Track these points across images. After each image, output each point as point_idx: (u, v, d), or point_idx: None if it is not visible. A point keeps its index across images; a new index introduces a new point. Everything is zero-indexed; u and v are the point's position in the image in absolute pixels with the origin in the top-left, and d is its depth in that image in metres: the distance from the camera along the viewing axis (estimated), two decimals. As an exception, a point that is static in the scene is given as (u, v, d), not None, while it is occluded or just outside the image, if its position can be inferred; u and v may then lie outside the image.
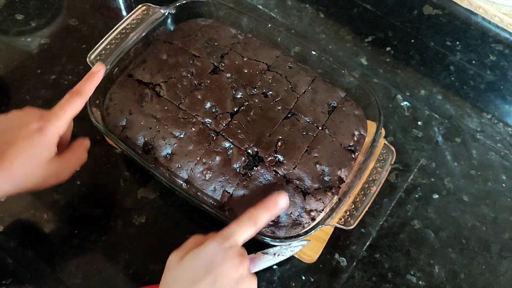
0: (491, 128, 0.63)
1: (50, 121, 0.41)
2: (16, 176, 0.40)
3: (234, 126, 0.50)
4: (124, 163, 0.58)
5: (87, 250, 0.53)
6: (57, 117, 0.42)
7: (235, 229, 0.40)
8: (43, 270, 0.51)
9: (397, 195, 0.58)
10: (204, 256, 0.39)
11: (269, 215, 0.41)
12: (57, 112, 0.42)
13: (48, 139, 0.41)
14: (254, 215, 0.41)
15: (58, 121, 0.42)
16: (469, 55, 0.69)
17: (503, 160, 0.61)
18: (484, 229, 0.56)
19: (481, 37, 0.70)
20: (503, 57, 0.68)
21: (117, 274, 0.51)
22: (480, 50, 0.69)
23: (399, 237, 0.55)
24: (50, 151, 0.42)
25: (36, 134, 0.40)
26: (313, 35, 0.70)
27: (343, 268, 0.53)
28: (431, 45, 0.70)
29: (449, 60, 0.68)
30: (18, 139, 0.40)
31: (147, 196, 0.56)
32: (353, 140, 0.52)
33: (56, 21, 0.69)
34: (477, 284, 0.53)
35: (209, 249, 0.39)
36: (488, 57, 0.69)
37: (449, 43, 0.70)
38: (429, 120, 0.63)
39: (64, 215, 0.54)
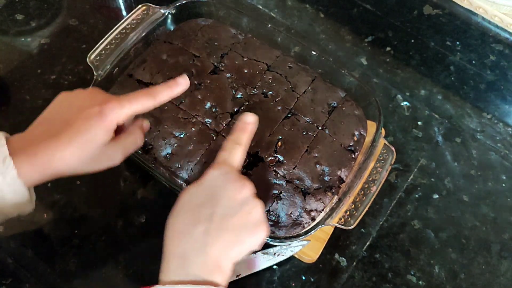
0: (491, 128, 0.63)
1: (111, 108, 0.39)
2: (69, 158, 0.39)
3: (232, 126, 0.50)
4: (124, 163, 0.58)
5: (87, 250, 0.53)
6: (120, 106, 0.40)
7: (223, 154, 0.42)
8: (43, 270, 0.51)
9: (397, 195, 0.58)
10: (206, 184, 0.40)
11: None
12: (122, 101, 0.40)
13: (106, 125, 0.39)
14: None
15: (120, 110, 0.40)
16: (469, 55, 0.69)
17: (503, 160, 0.61)
18: (484, 229, 0.56)
19: (481, 37, 0.70)
20: (503, 57, 0.68)
21: (117, 274, 0.51)
22: (480, 50, 0.69)
23: (399, 237, 0.55)
24: (107, 137, 0.40)
25: (95, 117, 0.39)
26: (313, 35, 0.70)
27: (343, 268, 0.53)
28: (431, 45, 0.70)
29: (449, 60, 0.68)
30: (77, 120, 0.39)
31: (147, 196, 0.56)
32: (353, 140, 0.52)
33: (56, 21, 0.69)
34: (477, 284, 0.53)
35: (210, 177, 0.40)
36: (488, 57, 0.68)
37: (449, 43, 0.70)
38: (429, 120, 0.63)
39: (64, 215, 0.54)
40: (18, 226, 0.54)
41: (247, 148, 0.43)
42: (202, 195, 0.39)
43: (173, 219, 0.40)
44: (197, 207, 0.39)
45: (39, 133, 0.40)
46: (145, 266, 0.52)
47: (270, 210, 0.48)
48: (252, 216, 0.39)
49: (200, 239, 0.37)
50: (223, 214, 0.38)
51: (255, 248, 0.39)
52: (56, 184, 0.56)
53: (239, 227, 0.38)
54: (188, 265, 0.37)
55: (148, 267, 0.52)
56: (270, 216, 0.48)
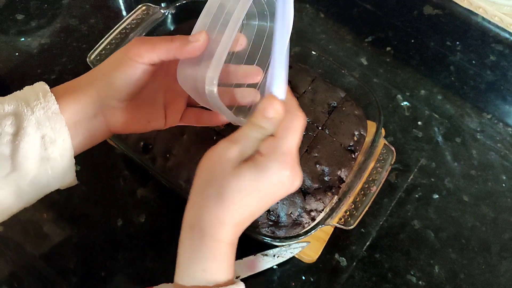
0: (491, 128, 0.63)
1: (134, 44, 0.37)
2: (123, 102, 0.38)
3: (234, 126, 0.50)
4: (124, 163, 0.58)
5: (87, 250, 0.53)
6: (143, 42, 0.37)
7: (295, 140, 0.35)
8: (44, 269, 0.51)
9: (397, 195, 0.58)
10: (266, 182, 0.35)
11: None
12: (149, 40, 0.37)
13: (130, 60, 0.37)
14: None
15: (142, 46, 0.37)
16: (469, 55, 0.69)
17: (503, 160, 0.60)
18: (484, 229, 0.56)
19: (481, 37, 0.70)
20: (503, 57, 0.68)
21: (117, 274, 0.51)
22: (480, 50, 0.69)
23: (399, 237, 0.55)
24: (147, 77, 0.37)
25: (121, 54, 0.37)
26: (313, 35, 0.70)
27: (343, 268, 0.53)
28: (431, 45, 0.70)
29: (449, 60, 0.68)
30: (124, 63, 0.37)
31: (147, 196, 0.56)
32: (353, 140, 0.52)
33: (56, 21, 0.69)
34: (477, 284, 0.53)
35: (274, 176, 0.34)
36: (488, 57, 0.68)
37: (449, 43, 0.70)
38: (429, 120, 0.63)
39: (65, 214, 0.54)
40: (18, 226, 0.54)
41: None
42: (260, 190, 0.34)
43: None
44: (245, 195, 0.34)
45: (80, 80, 0.39)
46: (145, 266, 0.52)
47: (270, 210, 0.48)
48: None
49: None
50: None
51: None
52: (56, 184, 0.56)
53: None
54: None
55: (148, 267, 0.52)
56: (270, 216, 0.48)
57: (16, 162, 0.35)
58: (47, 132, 0.36)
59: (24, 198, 0.38)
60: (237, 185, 0.34)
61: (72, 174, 0.39)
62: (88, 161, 0.48)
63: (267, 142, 0.34)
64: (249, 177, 0.33)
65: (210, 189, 0.35)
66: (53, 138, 0.36)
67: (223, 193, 0.34)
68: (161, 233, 0.54)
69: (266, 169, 0.33)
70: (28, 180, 0.36)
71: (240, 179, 0.34)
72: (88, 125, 0.38)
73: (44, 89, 0.37)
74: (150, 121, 0.42)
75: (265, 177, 0.34)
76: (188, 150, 0.49)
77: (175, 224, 0.55)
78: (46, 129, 0.35)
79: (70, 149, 0.37)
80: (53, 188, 0.39)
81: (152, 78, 0.39)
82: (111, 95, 0.37)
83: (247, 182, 0.33)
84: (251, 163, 0.34)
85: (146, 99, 0.41)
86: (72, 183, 0.41)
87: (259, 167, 0.33)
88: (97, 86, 0.38)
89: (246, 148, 0.35)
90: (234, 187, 0.34)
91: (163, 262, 0.52)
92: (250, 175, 0.33)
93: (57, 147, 0.36)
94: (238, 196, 0.34)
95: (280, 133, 0.34)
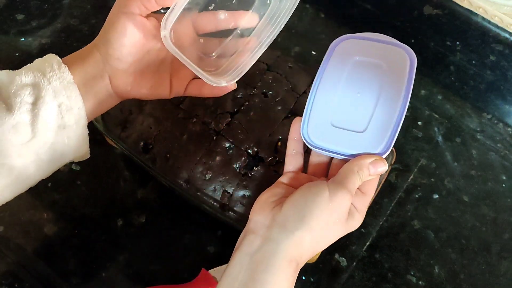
0: (491, 128, 0.63)
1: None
2: (123, 61, 0.39)
3: (234, 126, 0.50)
4: (124, 163, 0.58)
5: (87, 250, 0.53)
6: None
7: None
8: (43, 270, 0.51)
9: (397, 195, 0.58)
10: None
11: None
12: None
13: (128, 15, 0.38)
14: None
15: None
16: (469, 55, 0.69)
17: (503, 160, 0.60)
18: (484, 229, 0.56)
19: (481, 37, 0.70)
20: (503, 57, 0.68)
21: (117, 274, 0.52)
22: (480, 50, 0.69)
23: (399, 237, 0.55)
24: (140, 32, 0.38)
25: (116, 9, 0.39)
26: (313, 35, 0.70)
27: (343, 268, 0.53)
28: (431, 45, 0.69)
29: (449, 60, 0.68)
30: (116, 17, 0.38)
31: (147, 196, 0.56)
32: (353, 140, 0.52)
33: (57, 21, 0.69)
34: (477, 284, 0.53)
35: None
36: (488, 57, 0.68)
37: (449, 43, 0.69)
38: (429, 120, 0.63)
39: (64, 215, 0.55)
40: (18, 226, 0.54)
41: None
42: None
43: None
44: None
45: (87, 46, 0.41)
46: (145, 266, 0.52)
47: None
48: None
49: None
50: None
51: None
52: (56, 184, 0.56)
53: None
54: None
55: (148, 267, 0.52)
56: (270, 216, 0.48)
57: (36, 129, 0.37)
58: (64, 100, 0.37)
59: (42, 168, 0.39)
60: (340, 234, 0.40)
61: (86, 145, 0.42)
62: (88, 161, 0.48)
63: (360, 198, 0.40)
64: (350, 229, 0.40)
65: (323, 232, 0.38)
66: (69, 106, 0.38)
67: (329, 239, 0.39)
68: (161, 233, 0.54)
69: (357, 225, 0.40)
70: (46, 147, 0.38)
71: (345, 230, 0.40)
72: (95, 88, 0.40)
73: (58, 60, 0.39)
74: (155, 87, 0.42)
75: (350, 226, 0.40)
76: (188, 150, 0.49)
77: (175, 224, 0.55)
78: (62, 98, 0.37)
79: (84, 117, 0.39)
80: (68, 159, 0.41)
81: (159, 44, 0.40)
82: (111, 53, 0.39)
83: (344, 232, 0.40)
84: (351, 220, 0.39)
85: (151, 65, 0.41)
86: (85, 155, 0.43)
87: (356, 224, 0.40)
88: (98, 46, 0.40)
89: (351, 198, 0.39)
90: (338, 236, 0.40)
91: (164, 262, 0.53)
92: (351, 228, 0.40)
93: (73, 114, 0.38)
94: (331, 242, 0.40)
95: (368, 191, 0.41)
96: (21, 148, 0.37)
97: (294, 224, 0.37)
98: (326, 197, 0.38)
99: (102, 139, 0.58)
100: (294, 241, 0.37)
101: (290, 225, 0.37)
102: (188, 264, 0.52)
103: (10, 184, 0.38)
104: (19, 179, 0.38)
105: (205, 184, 0.48)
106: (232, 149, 0.49)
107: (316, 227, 0.37)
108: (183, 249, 0.53)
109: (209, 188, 0.48)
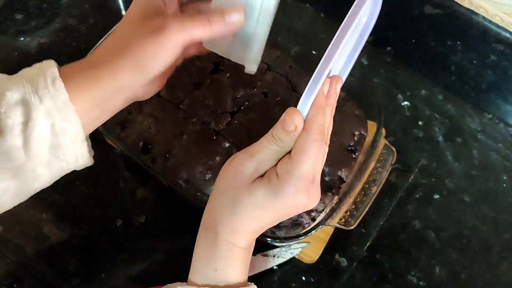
0: (492, 128, 0.63)
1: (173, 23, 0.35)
2: (128, 77, 0.36)
3: (234, 126, 0.50)
4: (124, 163, 0.58)
5: (87, 250, 0.52)
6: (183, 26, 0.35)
7: (311, 164, 0.35)
8: (43, 270, 0.51)
9: (398, 195, 0.57)
10: (283, 203, 0.36)
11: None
12: (185, 21, 0.35)
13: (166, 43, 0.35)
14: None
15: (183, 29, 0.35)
16: (470, 55, 0.68)
17: (504, 160, 0.60)
18: (485, 229, 0.56)
19: (482, 36, 0.70)
20: (504, 57, 0.68)
21: (117, 274, 0.51)
22: (481, 50, 0.69)
23: (400, 238, 0.55)
24: (170, 57, 0.36)
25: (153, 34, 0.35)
26: (313, 35, 0.70)
27: (344, 268, 0.53)
28: (432, 45, 0.69)
29: (450, 60, 0.68)
30: (160, 47, 0.35)
31: (147, 196, 0.56)
32: (353, 140, 0.52)
33: (55, 21, 0.69)
34: (478, 284, 0.53)
35: (292, 198, 0.36)
36: (489, 57, 0.68)
37: (450, 43, 0.69)
38: (429, 120, 0.63)
39: (64, 215, 0.54)
40: (18, 227, 0.54)
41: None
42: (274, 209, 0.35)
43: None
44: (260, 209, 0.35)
45: (95, 58, 0.37)
46: (145, 266, 0.52)
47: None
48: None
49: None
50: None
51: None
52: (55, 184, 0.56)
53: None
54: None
55: (148, 267, 0.52)
56: (270, 217, 0.48)
57: (29, 152, 0.34)
58: (57, 121, 0.34)
59: (39, 180, 0.37)
60: (250, 201, 0.35)
61: (85, 156, 0.38)
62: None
63: (283, 163, 0.34)
64: (262, 197, 0.34)
65: (225, 199, 0.36)
66: (63, 127, 0.35)
67: (237, 206, 0.35)
68: (161, 233, 0.54)
69: (281, 193, 0.34)
70: (43, 164, 0.36)
71: (253, 196, 0.35)
72: (110, 104, 0.37)
73: (52, 74, 0.35)
74: (160, 84, 0.41)
75: (278, 200, 0.34)
76: (188, 150, 0.49)
77: (175, 224, 0.55)
78: (55, 119, 0.34)
79: (81, 135, 0.36)
80: (68, 170, 0.39)
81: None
82: (143, 79, 0.36)
83: (259, 200, 0.34)
84: (266, 183, 0.35)
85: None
86: (86, 163, 0.40)
87: (273, 190, 0.34)
88: (128, 74, 0.36)
89: (263, 162, 0.35)
90: (247, 202, 0.35)
91: (164, 262, 0.52)
92: (264, 194, 0.34)
93: (68, 135, 0.35)
94: (251, 210, 0.35)
95: (296, 156, 0.34)
96: (16, 170, 0.35)
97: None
98: (228, 162, 0.37)
99: (102, 139, 0.58)
100: (206, 209, 0.37)
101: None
102: (188, 264, 0.52)
103: (8, 196, 0.37)
104: (19, 191, 0.37)
105: (205, 184, 0.48)
106: (232, 149, 0.49)
107: (217, 193, 0.37)
108: (183, 249, 0.53)
109: (209, 188, 0.48)
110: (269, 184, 0.34)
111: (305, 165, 0.34)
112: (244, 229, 0.36)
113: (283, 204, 0.34)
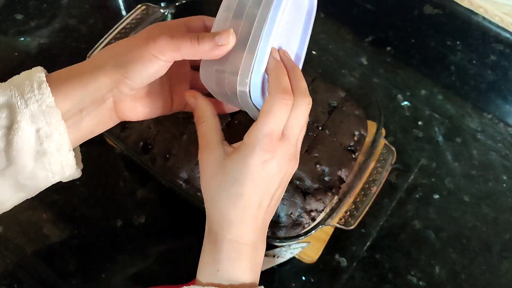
0: (492, 128, 0.63)
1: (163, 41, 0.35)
2: (135, 89, 0.37)
3: (234, 126, 0.50)
4: (124, 163, 0.58)
5: (87, 250, 0.52)
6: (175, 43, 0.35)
7: (294, 125, 0.36)
8: (43, 270, 0.51)
9: (398, 195, 0.57)
10: (263, 175, 0.37)
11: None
12: (176, 34, 0.35)
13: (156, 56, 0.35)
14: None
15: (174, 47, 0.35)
16: (469, 55, 0.68)
17: (504, 160, 0.60)
18: (485, 229, 0.56)
19: (481, 36, 0.70)
20: (503, 57, 0.68)
21: (117, 274, 0.51)
22: (481, 50, 0.69)
23: (400, 238, 0.55)
24: (155, 69, 0.36)
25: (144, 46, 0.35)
26: (313, 35, 0.70)
27: (344, 268, 0.53)
28: (432, 45, 0.69)
29: (449, 60, 0.68)
30: (148, 59, 0.35)
31: (147, 196, 0.56)
32: (353, 140, 0.52)
33: (55, 21, 0.69)
34: (478, 284, 0.53)
35: (272, 167, 0.37)
36: (489, 57, 0.68)
37: (450, 43, 0.69)
38: (429, 120, 0.63)
39: (64, 215, 0.54)
40: (17, 227, 0.54)
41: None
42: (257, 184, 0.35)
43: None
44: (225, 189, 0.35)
45: (86, 63, 0.37)
46: (145, 266, 0.52)
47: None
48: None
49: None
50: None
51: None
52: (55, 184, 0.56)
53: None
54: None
55: (148, 267, 0.52)
56: (270, 216, 0.48)
57: (11, 156, 0.34)
58: (42, 126, 0.34)
59: (24, 191, 0.37)
60: (228, 179, 0.35)
61: (72, 167, 0.38)
62: (88, 161, 0.48)
63: (248, 130, 0.35)
64: (236, 170, 0.34)
65: (208, 196, 0.36)
66: (48, 132, 0.34)
67: (219, 192, 0.35)
68: (161, 233, 0.54)
69: (249, 156, 0.34)
70: (25, 173, 0.35)
71: (229, 174, 0.35)
72: (96, 111, 0.37)
73: (39, 78, 0.35)
74: (158, 106, 0.41)
75: (250, 167, 0.34)
76: (188, 150, 0.49)
77: (175, 224, 0.55)
78: (41, 123, 0.34)
79: (67, 143, 0.36)
80: (54, 181, 0.38)
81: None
82: (125, 83, 0.36)
83: (235, 174, 0.34)
84: (235, 153, 0.35)
85: (154, 85, 0.40)
86: (72, 175, 0.39)
87: (242, 156, 0.34)
88: (110, 72, 0.35)
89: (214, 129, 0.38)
90: (225, 181, 0.35)
91: (164, 263, 0.52)
92: (237, 167, 0.34)
93: (53, 141, 0.35)
94: (232, 190, 0.35)
95: (259, 118, 0.34)
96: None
97: None
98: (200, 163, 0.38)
99: (102, 139, 0.58)
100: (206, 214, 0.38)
101: None
102: (188, 264, 0.52)
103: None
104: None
105: (205, 184, 0.48)
106: (232, 149, 0.49)
107: (207, 195, 0.37)
108: (183, 249, 0.53)
109: (209, 188, 0.48)
110: (238, 153, 0.35)
111: (268, 124, 0.34)
112: (237, 218, 0.35)
113: (256, 169, 0.34)
